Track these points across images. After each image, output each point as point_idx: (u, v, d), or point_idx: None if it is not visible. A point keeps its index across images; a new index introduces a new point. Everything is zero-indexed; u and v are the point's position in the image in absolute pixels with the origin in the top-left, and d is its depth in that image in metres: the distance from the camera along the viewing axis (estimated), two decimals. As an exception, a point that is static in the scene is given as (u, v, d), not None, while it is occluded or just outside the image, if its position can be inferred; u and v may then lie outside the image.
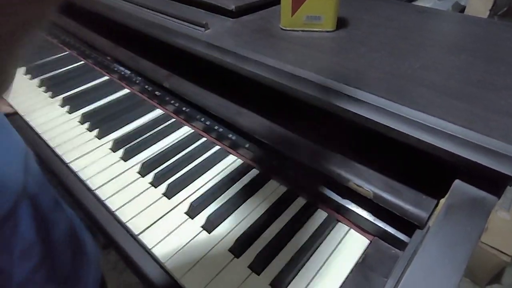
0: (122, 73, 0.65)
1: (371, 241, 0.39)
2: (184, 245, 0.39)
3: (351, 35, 0.47)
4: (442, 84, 0.36)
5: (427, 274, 0.27)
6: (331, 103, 0.36)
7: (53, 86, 0.67)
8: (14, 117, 0.61)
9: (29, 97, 0.65)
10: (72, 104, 0.61)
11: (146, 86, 0.62)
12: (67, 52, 0.80)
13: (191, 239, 0.40)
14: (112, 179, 0.47)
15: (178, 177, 0.46)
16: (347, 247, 0.39)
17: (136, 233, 0.40)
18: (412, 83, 0.37)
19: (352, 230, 0.40)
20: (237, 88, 0.52)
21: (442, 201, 0.31)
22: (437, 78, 0.37)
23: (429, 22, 0.52)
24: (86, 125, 0.57)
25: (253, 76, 0.43)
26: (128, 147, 0.51)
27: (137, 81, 0.63)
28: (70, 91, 0.65)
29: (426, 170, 0.37)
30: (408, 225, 0.36)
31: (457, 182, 0.32)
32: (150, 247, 0.39)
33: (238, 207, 0.43)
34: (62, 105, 0.62)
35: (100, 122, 0.56)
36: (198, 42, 0.48)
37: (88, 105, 0.62)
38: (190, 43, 0.48)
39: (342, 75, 0.38)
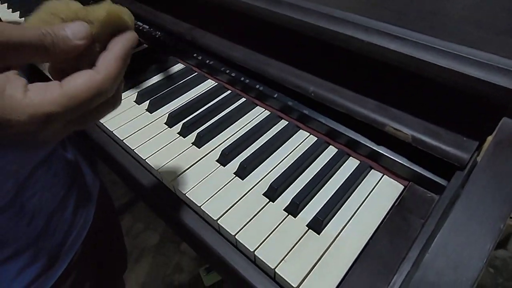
0: (141, 27, 0.63)
1: (405, 186, 0.39)
2: (218, 191, 0.39)
3: (386, -21, 0.45)
4: (489, 22, 0.35)
5: (477, 205, 0.27)
6: (373, 44, 0.35)
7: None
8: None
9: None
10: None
11: (167, 41, 0.60)
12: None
13: (225, 185, 0.40)
14: (139, 129, 0.47)
15: (207, 127, 0.46)
16: (382, 193, 0.39)
17: (169, 180, 0.40)
18: (457, 21, 0.35)
19: (385, 177, 0.40)
20: (263, 37, 0.50)
21: (489, 138, 0.31)
22: (482, 17, 0.36)
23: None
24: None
25: (286, 21, 0.41)
26: (152, 99, 0.50)
27: (157, 35, 0.61)
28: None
29: (465, 111, 0.36)
30: (445, 168, 0.35)
31: (505, 119, 0.31)
32: (184, 192, 0.39)
33: (270, 156, 0.43)
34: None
35: (121, 76, 0.55)
36: (225, -13, 0.46)
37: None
38: (217, -12, 0.46)
39: (381, 15, 0.37)
